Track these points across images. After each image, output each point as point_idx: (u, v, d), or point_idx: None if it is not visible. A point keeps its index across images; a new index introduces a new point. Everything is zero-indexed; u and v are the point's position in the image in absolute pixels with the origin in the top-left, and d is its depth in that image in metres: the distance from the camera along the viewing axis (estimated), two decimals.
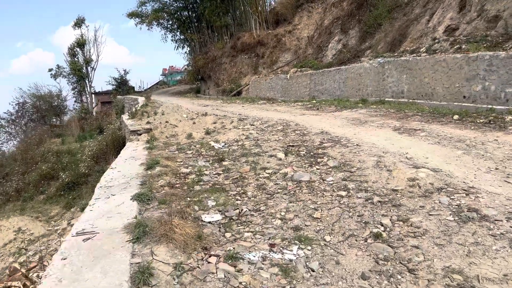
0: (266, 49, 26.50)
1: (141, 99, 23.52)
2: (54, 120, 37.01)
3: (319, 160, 5.43)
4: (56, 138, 25.27)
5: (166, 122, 10.11)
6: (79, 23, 37.58)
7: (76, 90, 38.45)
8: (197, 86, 36.26)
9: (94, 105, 40.20)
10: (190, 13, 35.39)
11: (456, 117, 7.79)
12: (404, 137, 6.42)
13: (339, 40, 20.89)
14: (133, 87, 52.98)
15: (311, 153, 5.86)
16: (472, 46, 9.80)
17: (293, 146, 6.42)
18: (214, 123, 9.90)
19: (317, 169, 5.05)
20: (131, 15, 35.30)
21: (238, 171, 5.30)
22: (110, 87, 41.27)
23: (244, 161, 5.80)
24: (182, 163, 6.01)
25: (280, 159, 5.67)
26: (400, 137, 6.46)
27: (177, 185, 4.71)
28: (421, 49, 12.03)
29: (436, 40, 11.87)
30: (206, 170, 5.49)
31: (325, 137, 6.89)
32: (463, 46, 10.43)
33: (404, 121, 7.93)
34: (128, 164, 6.10)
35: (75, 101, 38.93)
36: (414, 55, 11.87)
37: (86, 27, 39.16)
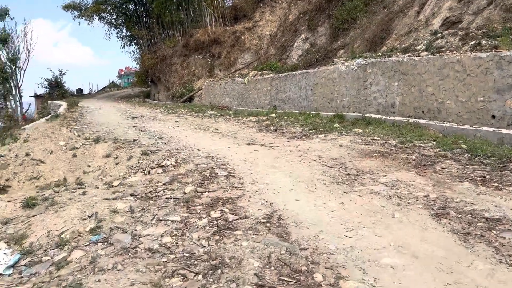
0: (223, 48, 22.81)
1: (64, 106, 19.09)
2: None
3: None
4: None
5: (27, 154, 6.11)
6: (2, 15, 31.64)
7: None
8: (148, 89, 31.80)
9: (25, 110, 34.51)
10: (137, 6, 30.89)
11: None
12: (500, 266, 2.42)
13: (306, 38, 17.60)
14: (82, 90, 47.75)
15: None
16: (504, 40, 6.49)
17: None
18: (107, 156, 6.03)
19: None
20: (67, 7, 30.19)
21: None
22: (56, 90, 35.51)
23: None
24: None
25: None
26: (479, 264, 2.47)
27: None
28: (419, 47, 8.70)
29: (439, 35, 8.58)
30: None
31: (277, 247, 2.73)
32: (483, 42, 7.15)
33: (434, 176, 4.14)
34: None
35: None
36: (409, 54, 8.53)
37: (11, 19, 33.32)
